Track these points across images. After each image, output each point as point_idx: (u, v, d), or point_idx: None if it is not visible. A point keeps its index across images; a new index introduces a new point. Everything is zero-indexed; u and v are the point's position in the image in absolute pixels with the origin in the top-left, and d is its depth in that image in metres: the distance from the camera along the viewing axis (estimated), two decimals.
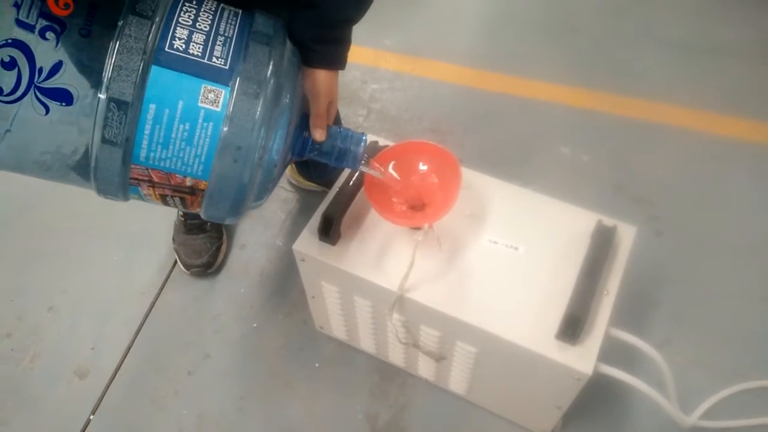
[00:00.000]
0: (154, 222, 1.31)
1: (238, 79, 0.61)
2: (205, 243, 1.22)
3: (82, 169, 0.61)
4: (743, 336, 1.09)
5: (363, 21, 0.73)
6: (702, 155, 1.38)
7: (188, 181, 0.63)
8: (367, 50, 1.68)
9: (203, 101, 0.59)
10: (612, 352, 0.82)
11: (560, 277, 0.82)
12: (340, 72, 0.74)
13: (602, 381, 0.80)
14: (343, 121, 1.41)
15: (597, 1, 1.79)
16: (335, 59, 0.72)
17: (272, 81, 0.62)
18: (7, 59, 0.54)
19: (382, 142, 0.97)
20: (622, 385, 0.81)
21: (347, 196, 0.89)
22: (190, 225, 1.23)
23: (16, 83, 0.55)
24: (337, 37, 0.71)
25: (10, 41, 0.54)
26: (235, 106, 0.60)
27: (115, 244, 1.30)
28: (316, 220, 0.89)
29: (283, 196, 1.35)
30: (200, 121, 0.60)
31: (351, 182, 0.90)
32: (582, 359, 0.75)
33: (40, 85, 0.55)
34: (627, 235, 0.87)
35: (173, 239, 1.25)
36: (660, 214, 1.27)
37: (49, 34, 0.55)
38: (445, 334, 0.86)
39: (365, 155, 0.76)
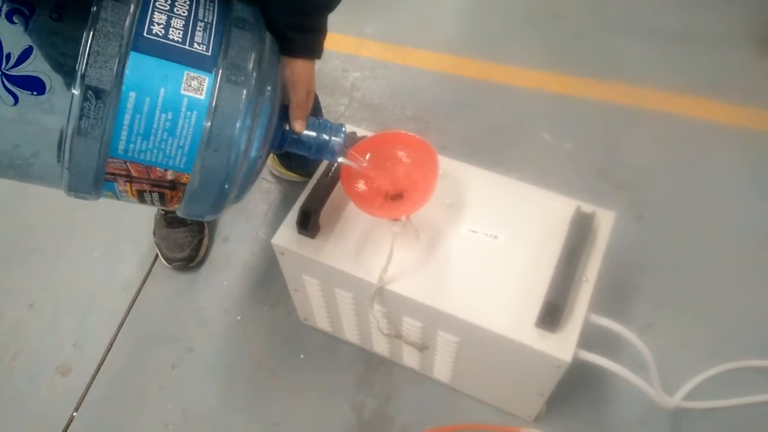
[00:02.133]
0: (135, 216, 1.30)
1: (221, 65, 0.58)
2: (186, 236, 1.21)
3: (50, 166, 0.57)
4: (725, 318, 1.10)
5: (343, 9, 0.72)
6: (684, 140, 1.38)
7: (169, 175, 0.60)
8: (348, 38, 1.66)
9: (186, 89, 0.57)
10: (595, 338, 0.83)
11: (540, 265, 0.82)
12: (319, 61, 0.73)
13: (586, 366, 0.81)
14: (324, 111, 1.40)
15: None
16: (312, 48, 0.71)
17: (257, 68, 0.60)
18: None
19: (363, 131, 0.96)
20: (605, 370, 0.81)
21: (325, 188, 0.88)
22: (171, 218, 1.22)
23: None
24: (314, 25, 0.70)
25: None
26: (220, 93, 0.58)
27: (95, 239, 1.29)
28: (294, 213, 0.88)
29: (264, 187, 1.34)
30: (183, 109, 0.57)
31: (329, 174, 0.90)
32: (561, 346, 0.76)
33: (8, 72, 0.51)
34: (606, 220, 0.87)
35: (154, 233, 1.24)
36: (642, 198, 1.27)
37: (17, 18, 0.51)
38: (427, 325, 0.86)
39: (344, 147, 0.75)
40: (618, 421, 1.00)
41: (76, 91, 0.52)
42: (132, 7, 0.54)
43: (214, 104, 0.58)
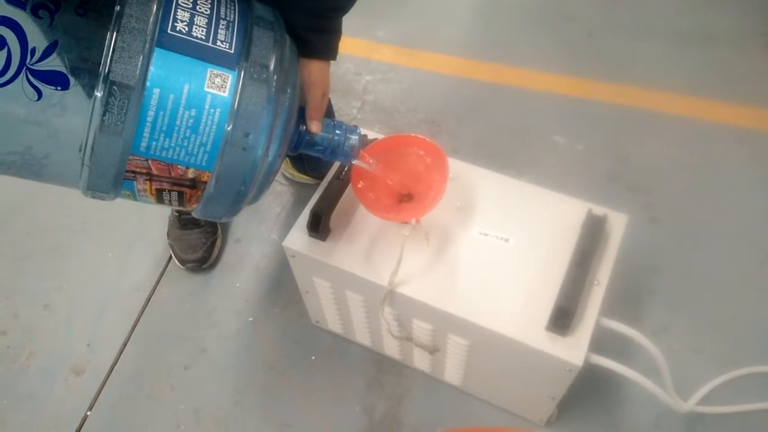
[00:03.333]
0: (149, 217, 1.31)
1: (245, 63, 0.58)
2: (200, 238, 1.22)
3: (69, 163, 0.57)
4: (740, 322, 1.08)
5: (355, 12, 0.72)
6: (697, 142, 1.37)
7: (190, 173, 0.60)
8: (360, 42, 1.66)
9: (210, 86, 0.56)
10: (607, 341, 0.82)
11: (551, 268, 0.82)
12: (332, 63, 0.73)
13: (598, 370, 0.80)
14: (337, 114, 1.40)
15: None
16: (328, 49, 0.71)
17: (279, 66, 0.60)
18: None
19: (375, 134, 0.96)
20: (617, 374, 0.81)
21: (336, 191, 0.89)
22: (185, 220, 1.23)
23: (5, 65, 0.50)
24: (329, 26, 0.71)
25: None
26: (243, 91, 0.58)
27: (109, 240, 1.30)
28: (305, 216, 0.88)
29: (277, 189, 1.35)
30: (207, 107, 0.57)
31: (340, 177, 0.90)
32: (572, 350, 0.75)
33: (33, 67, 0.51)
34: (618, 223, 0.87)
35: (168, 234, 1.25)
36: (655, 201, 1.26)
37: (42, 12, 0.50)
38: (437, 328, 0.86)
39: (359, 149, 0.76)
40: (631, 426, 0.99)
41: (100, 87, 0.52)
42: (156, 4, 0.54)
43: (237, 102, 0.57)
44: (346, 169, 0.90)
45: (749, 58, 1.53)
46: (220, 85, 0.57)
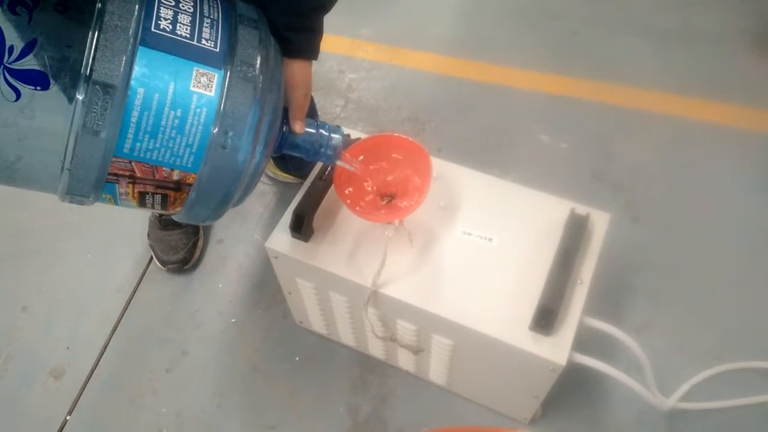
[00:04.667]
0: (129, 218, 1.29)
1: (231, 62, 0.57)
2: (181, 239, 1.21)
3: (47, 167, 0.55)
4: (721, 319, 1.09)
5: (339, 10, 0.72)
6: (681, 141, 1.38)
7: (175, 175, 0.58)
8: (344, 39, 1.65)
9: (195, 85, 0.55)
10: (590, 340, 0.82)
11: (534, 267, 0.82)
12: (315, 62, 0.73)
13: (582, 368, 0.80)
14: (320, 112, 1.39)
15: None
16: (309, 49, 0.71)
17: (265, 65, 0.59)
18: None
19: (358, 132, 0.95)
20: (600, 372, 0.81)
21: (319, 192, 0.88)
22: (166, 221, 1.21)
23: None
24: (310, 25, 0.70)
25: None
26: (230, 90, 0.56)
27: (89, 241, 1.28)
28: (288, 216, 0.87)
29: (260, 189, 1.34)
30: (193, 106, 0.55)
31: (323, 177, 0.89)
32: (556, 350, 0.75)
33: (11, 66, 0.49)
34: (601, 222, 0.87)
35: (148, 235, 1.24)
36: (638, 200, 1.27)
37: (20, 9, 0.48)
38: (421, 328, 0.86)
39: (342, 149, 0.75)
40: (613, 423, 0.99)
41: (82, 87, 0.50)
42: (138, 1, 0.53)
43: (224, 101, 0.56)
44: (329, 169, 0.90)
45: (735, 57, 1.54)
46: (206, 85, 0.56)
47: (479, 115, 1.46)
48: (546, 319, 0.75)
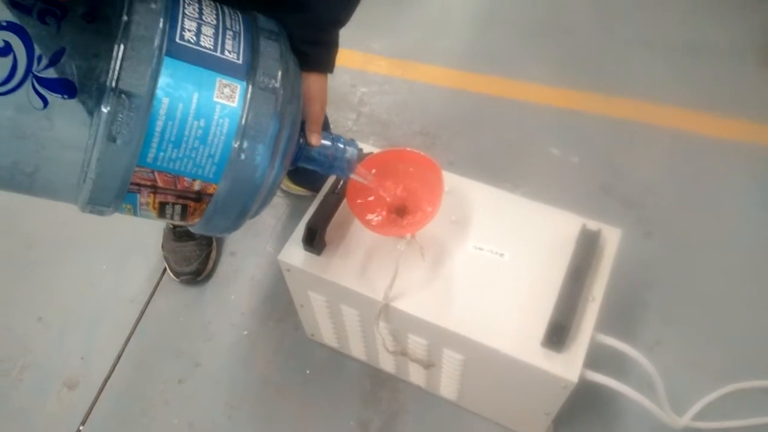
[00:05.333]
0: (144, 229, 1.31)
1: (253, 73, 0.58)
2: (194, 250, 1.22)
3: (68, 176, 0.55)
4: (734, 336, 1.08)
5: (351, 24, 0.73)
6: (691, 156, 1.37)
7: (197, 185, 0.59)
8: (356, 54, 1.67)
9: (219, 96, 0.56)
10: (601, 357, 0.82)
11: (546, 283, 0.82)
12: (328, 76, 0.74)
13: (593, 386, 0.80)
14: (332, 125, 1.41)
15: (585, 3, 1.78)
16: (326, 62, 0.72)
17: (285, 77, 0.60)
18: (1, 44, 0.48)
19: (370, 146, 0.96)
20: (612, 389, 0.81)
21: (331, 206, 0.89)
22: (180, 232, 1.22)
23: (10, 72, 0.48)
24: (327, 39, 0.71)
25: (4, 24, 0.48)
26: (252, 101, 0.57)
27: (104, 252, 1.30)
28: (300, 229, 0.88)
29: (272, 201, 1.32)
30: (216, 117, 0.56)
31: (335, 191, 0.90)
32: (567, 367, 0.75)
33: (39, 74, 0.49)
34: (612, 238, 0.87)
35: (162, 246, 1.25)
36: (649, 215, 1.26)
37: (49, 19, 0.49)
38: (432, 342, 0.86)
39: (357, 163, 0.76)
40: None
41: (108, 95, 0.51)
42: (163, 12, 0.54)
43: (246, 112, 0.57)
44: (341, 183, 0.90)
45: (745, 72, 1.54)
46: (229, 95, 0.56)
47: (490, 129, 1.47)
48: (558, 335, 0.75)
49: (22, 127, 0.51)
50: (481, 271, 0.85)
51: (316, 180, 1.25)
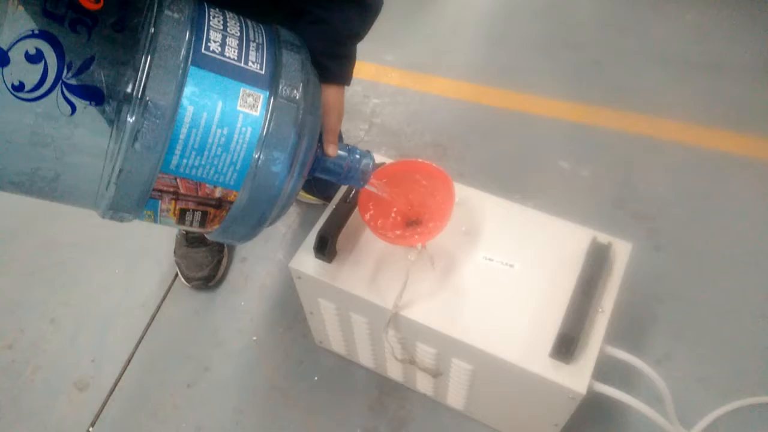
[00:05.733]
0: (156, 235, 1.32)
1: (276, 84, 0.59)
2: (206, 256, 1.23)
3: (94, 181, 0.56)
4: (743, 351, 1.08)
5: (365, 37, 0.74)
6: (702, 171, 1.38)
7: (218, 192, 0.60)
8: (369, 65, 1.69)
9: (242, 105, 0.57)
10: (610, 369, 0.82)
11: (555, 294, 0.82)
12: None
13: (602, 397, 0.80)
14: (345, 136, 1.42)
15: (598, 18, 1.80)
16: (343, 75, 0.73)
17: (307, 88, 0.62)
18: (33, 51, 0.49)
19: (382, 157, 0.97)
20: (620, 402, 0.81)
21: (343, 214, 0.89)
22: (192, 238, 1.24)
23: (41, 78, 0.50)
24: (345, 53, 0.73)
25: (37, 32, 0.49)
26: (274, 111, 0.59)
27: (116, 256, 1.31)
28: (312, 237, 0.89)
29: None
30: (239, 125, 0.57)
31: (347, 200, 0.91)
32: (576, 378, 0.75)
33: (68, 81, 0.51)
34: (622, 251, 0.87)
35: (174, 252, 1.26)
36: (659, 228, 1.27)
37: (80, 27, 0.51)
38: (441, 352, 0.86)
39: (370, 174, 0.77)
40: None
41: (135, 103, 0.52)
42: (190, 24, 0.56)
43: (268, 121, 0.58)
44: (353, 192, 0.92)
45: (757, 88, 1.54)
46: (252, 105, 0.58)
47: (501, 141, 1.48)
48: (566, 346, 0.75)
49: (48, 133, 0.52)
50: (491, 281, 0.85)
51: (327, 189, 1.27)
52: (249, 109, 0.58)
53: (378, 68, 1.69)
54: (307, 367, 1.12)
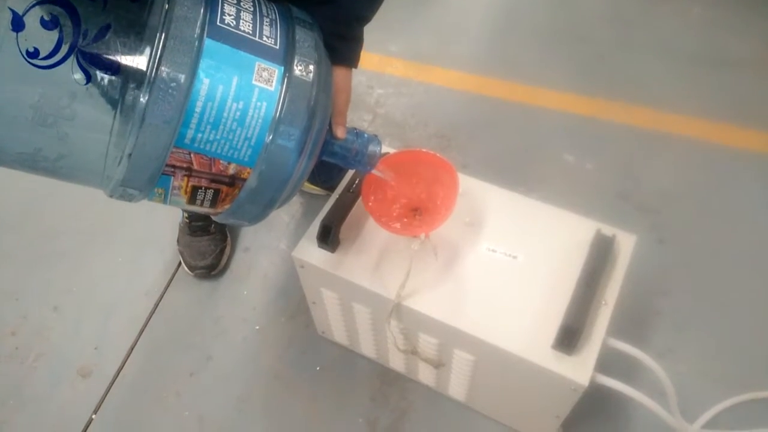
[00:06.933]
0: (159, 223, 1.32)
1: (290, 59, 0.59)
2: (209, 245, 1.23)
3: (105, 154, 0.54)
4: (747, 346, 1.08)
5: (370, 27, 0.74)
6: (707, 164, 1.37)
7: (232, 169, 0.59)
8: (373, 56, 1.68)
9: (257, 79, 0.57)
10: (613, 362, 0.82)
11: (558, 286, 0.82)
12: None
13: (604, 390, 0.80)
14: (348, 126, 1.41)
15: (604, 11, 1.78)
16: (352, 57, 0.73)
17: (321, 66, 0.61)
18: (48, 17, 0.48)
19: (386, 147, 0.96)
20: (623, 394, 0.81)
21: (346, 204, 0.89)
22: (195, 227, 1.24)
23: (56, 45, 0.48)
24: (354, 34, 0.73)
25: None
26: (289, 86, 0.58)
27: (120, 245, 1.31)
28: (315, 227, 0.89)
29: None
30: (254, 100, 0.57)
31: (350, 190, 0.91)
32: (578, 370, 0.75)
33: (84, 49, 0.49)
34: (627, 244, 0.87)
35: (178, 241, 1.26)
36: (663, 222, 1.26)
37: None
38: (443, 342, 0.86)
39: (378, 158, 0.76)
40: None
41: (151, 74, 0.51)
42: None
43: (283, 96, 0.58)
44: (357, 181, 0.91)
45: (763, 82, 1.53)
46: (267, 79, 0.57)
47: (505, 133, 1.47)
48: (569, 338, 0.75)
49: (63, 104, 0.51)
50: (494, 272, 0.85)
51: (331, 179, 1.27)
52: (264, 83, 0.57)
53: (382, 59, 1.68)
54: (310, 356, 1.12)
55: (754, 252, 1.21)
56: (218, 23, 0.56)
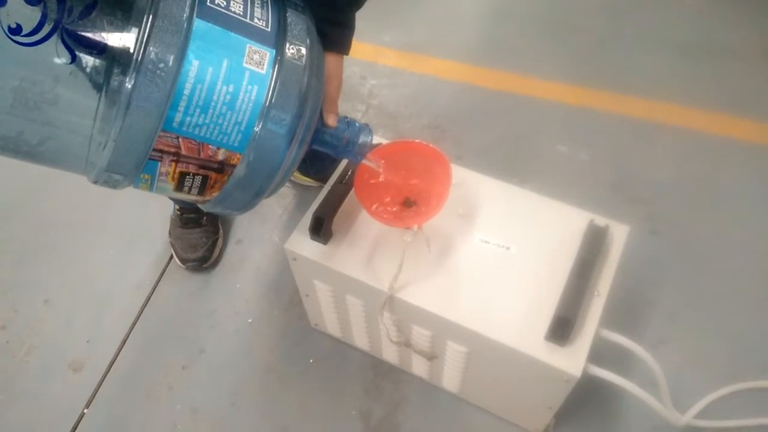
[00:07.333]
0: (151, 216, 1.31)
1: (282, 42, 0.57)
2: (201, 237, 1.22)
3: (84, 140, 0.52)
4: (739, 336, 1.08)
5: (362, 16, 0.73)
6: (700, 155, 1.37)
7: (221, 154, 0.58)
8: (367, 46, 1.67)
9: (248, 62, 0.55)
10: (605, 353, 0.82)
11: (551, 277, 0.82)
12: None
13: (596, 381, 0.80)
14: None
15: (598, 1, 1.77)
16: (343, 43, 0.72)
17: (313, 50, 0.60)
18: None
19: (379, 138, 0.96)
20: (615, 385, 0.81)
21: (339, 196, 0.89)
22: (186, 219, 1.23)
23: (40, 22, 0.46)
24: (344, 20, 0.72)
25: None
26: (280, 69, 0.57)
27: (111, 237, 1.31)
28: (307, 219, 0.88)
29: (280, 191, 1.35)
30: (244, 83, 0.55)
31: (343, 181, 0.90)
32: (571, 361, 0.75)
33: (69, 26, 0.47)
34: (620, 234, 0.87)
35: (169, 233, 1.26)
36: (657, 213, 1.26)
37: None
38: (436, 334, 0.86)
39: (369, 147, 0.76)
40: None
41: (138, 55, 0.49)
42: None
43: (274, 80, 0.57)
44: (349, 173, 0.91)
45: (757, 73, 1.53)
46: (258, 62, 0.56)
47: (499, 124, 1.46)
48: (562, 329, 0.75)
49: (46, 87, 0.49)
50: (487, 264, 0.85)
51: (323, 171, 1.26)
52: (255, 66, 0.56)
53: (375, 49, 1.67)
54: (303, 349, 1.11)
55: (747, 242, 1.21)
56: (208, 3, 0.54)
